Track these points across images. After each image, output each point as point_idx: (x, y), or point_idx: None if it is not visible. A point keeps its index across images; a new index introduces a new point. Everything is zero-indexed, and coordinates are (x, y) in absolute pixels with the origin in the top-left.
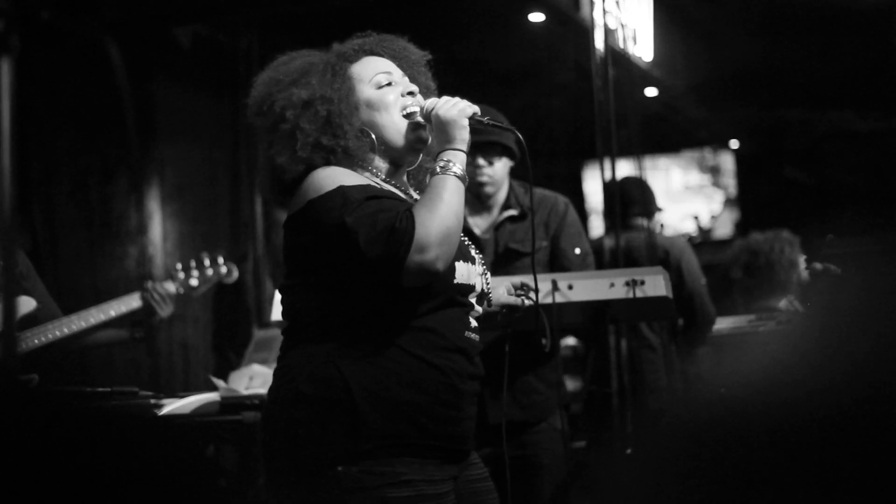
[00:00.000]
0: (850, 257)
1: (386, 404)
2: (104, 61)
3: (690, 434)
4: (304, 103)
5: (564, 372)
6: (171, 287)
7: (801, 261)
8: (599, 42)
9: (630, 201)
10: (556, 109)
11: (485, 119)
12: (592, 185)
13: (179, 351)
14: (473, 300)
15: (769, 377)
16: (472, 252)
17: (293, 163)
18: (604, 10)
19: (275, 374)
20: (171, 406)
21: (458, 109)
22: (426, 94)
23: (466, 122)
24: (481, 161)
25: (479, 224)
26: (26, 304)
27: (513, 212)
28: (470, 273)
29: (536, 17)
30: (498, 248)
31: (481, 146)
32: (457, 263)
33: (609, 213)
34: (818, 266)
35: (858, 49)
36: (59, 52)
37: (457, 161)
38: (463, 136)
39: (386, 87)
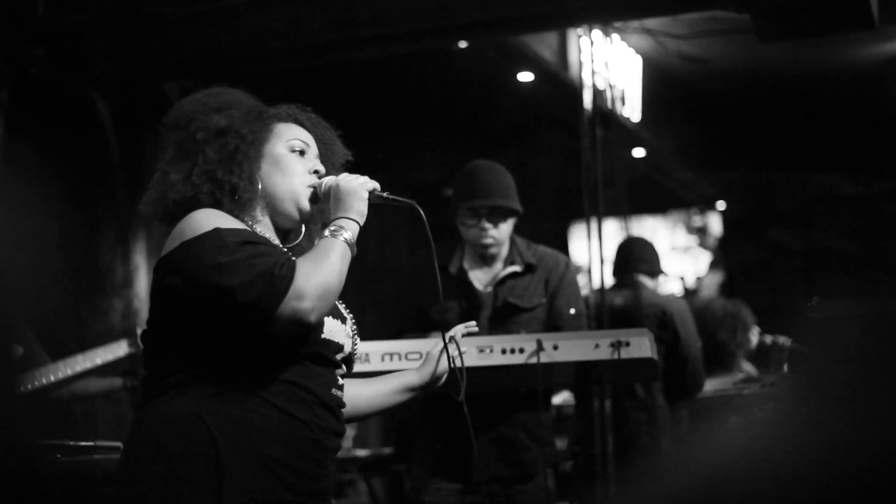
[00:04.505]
0: (835, 321)
1: (252, 459)
2: (93, 115)
3: (674, 496)
4: (219, 131)
5: (554, 433)
6: None
7: (754, 328)
8: (588, 102)
9: (637, 258)
10: (543, 168)
11: (384, 193)
12: (579, 245)
13: None
14: (340, 358)
15: (755, 441)
16: (344, 312)
17: (184, 186)
18: (592, 70)
19: (132, 426)
20: None
21: (358, 182)
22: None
23: (366, 194)
24: (486, 224)
25: (480, 278)
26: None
27: (516, 268)
28: (338, 331)
29: (525, 76)
30: (497, 302)
31: (487, 210)
32: (326, 319)
33: (617, 270)
34: (768, 339)
35: (846, 112)
36: (48, 105)
37: (349, 229)
38: (360, 207)
39: (297, 154)
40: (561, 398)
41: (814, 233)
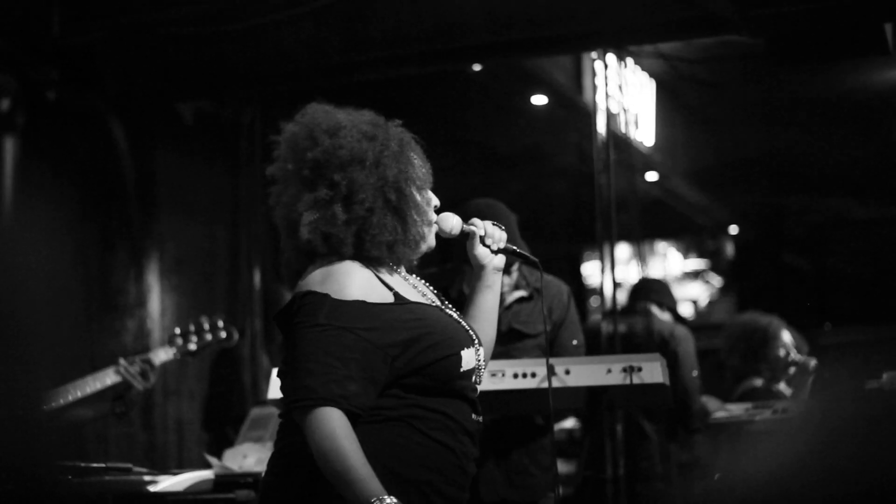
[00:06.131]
0: (848, 347)
1: (403, 483)
2: (107, 135)
3: None
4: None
5: (560, 455)
6: (162, 355)
7: (791, 346)
8: (601, 126)
9: (649, 289)
10: (556, 192)
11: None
12: (591, 268)
13: (174, 427)
14: (475, 381)
15: (766, 467)
16: (470, 333)
17: (335, 226)
18: (606, 94)
19: (282, 449)
20: (165, 483)
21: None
22: None
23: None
24: (505, 277)
25: None
26: None
27: (522, 293)
28: (471, 358)
29: (539, 99)
30: (501, 327)
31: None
32: (463, 352)
33: (630, 300)
34: (799, 358)
35: (858, 137)
36: (63, 126)
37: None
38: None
39: (432, 209)
40: (571, 422)
41: (826, 257)
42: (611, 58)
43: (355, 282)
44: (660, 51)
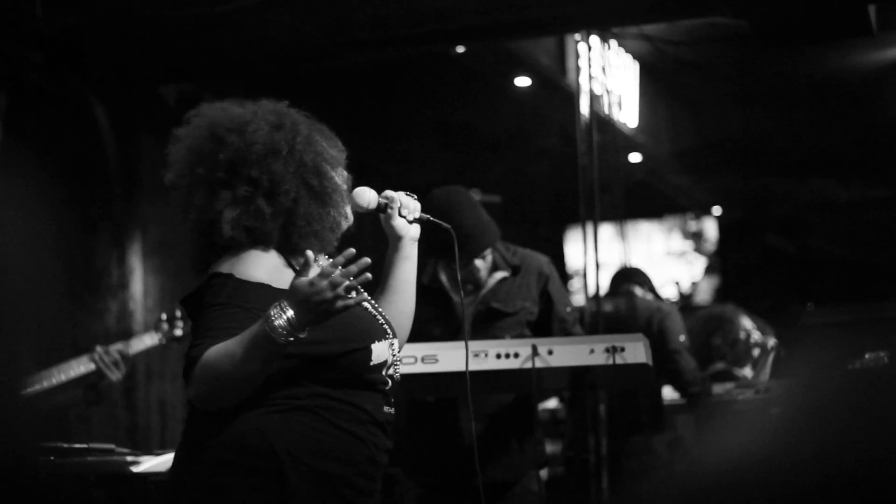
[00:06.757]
0: (830, 327)
1: (312, 474)
2: (90, 118)
3: (669, 499)
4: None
5: (543, 435)
6: (148, 340)
7: (752, 328)
8: (585, 107)
9: (632, 274)
10: (540, 173)
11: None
12: (574, 249)
13: (157, 408)
14: (387, 374)
15: (749, 445)
16: (384, 326)
17: (260, 220)
18: (590, 75)
19: (188, 439)
20: (148, 464)
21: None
22: None
23: None
24: (478, 262)
25: (464, 287)
26: None
27: (504, 274)
28: (383, 351)
29: (522, 81)
30: (480, 306)
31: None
32: (374, 345)
33: (613, 284)
34: (760, 338)
35: (842, 119)
36: (46, 108)
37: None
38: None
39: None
40: (555, 402)
41: (809, 238)
42: (594, 39)
43: (262, 265)
44: (644, 32)
